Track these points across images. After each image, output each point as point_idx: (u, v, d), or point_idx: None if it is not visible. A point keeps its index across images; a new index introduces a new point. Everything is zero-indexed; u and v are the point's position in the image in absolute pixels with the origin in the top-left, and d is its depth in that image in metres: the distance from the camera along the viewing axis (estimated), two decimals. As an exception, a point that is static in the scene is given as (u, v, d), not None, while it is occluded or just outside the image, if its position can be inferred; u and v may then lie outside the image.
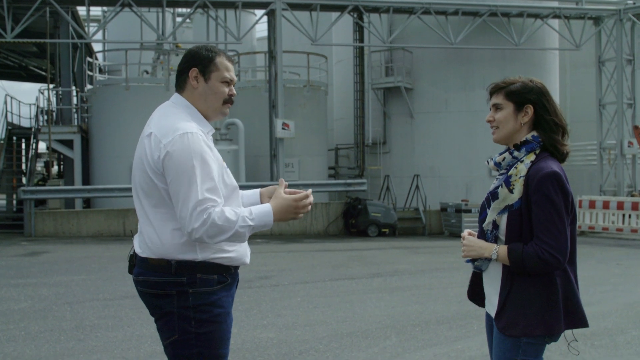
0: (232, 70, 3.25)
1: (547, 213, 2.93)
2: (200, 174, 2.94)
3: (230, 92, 3.23)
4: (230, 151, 20.83)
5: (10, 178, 23.61)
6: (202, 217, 2.91)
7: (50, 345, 6.88)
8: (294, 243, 17.74)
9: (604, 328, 7.60)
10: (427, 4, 21.55)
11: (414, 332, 7.48)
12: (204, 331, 3.07)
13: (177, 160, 2.96)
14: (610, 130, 23.99)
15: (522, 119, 3.13)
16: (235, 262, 3.22)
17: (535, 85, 3.15)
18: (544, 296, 2.99)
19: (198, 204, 2.91)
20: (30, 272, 11.96)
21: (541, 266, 2.94)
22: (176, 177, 2.96)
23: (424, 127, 23.52)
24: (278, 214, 3.12)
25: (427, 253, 15.76)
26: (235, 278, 3.28)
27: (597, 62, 24.34)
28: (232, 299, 3.25)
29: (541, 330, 3.00)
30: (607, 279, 11.69)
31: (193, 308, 3.05)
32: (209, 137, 3.17)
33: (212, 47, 3.25)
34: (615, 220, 19.75)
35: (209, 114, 3.24)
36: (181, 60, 3.26)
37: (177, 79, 3.26)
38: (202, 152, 2.98)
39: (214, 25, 21.67)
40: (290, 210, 3.17)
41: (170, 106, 3.20)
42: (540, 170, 2.97)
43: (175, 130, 3.01)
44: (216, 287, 3.11)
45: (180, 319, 3.07)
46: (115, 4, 20.08)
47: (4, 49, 27.26)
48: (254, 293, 9.90)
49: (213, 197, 2.95)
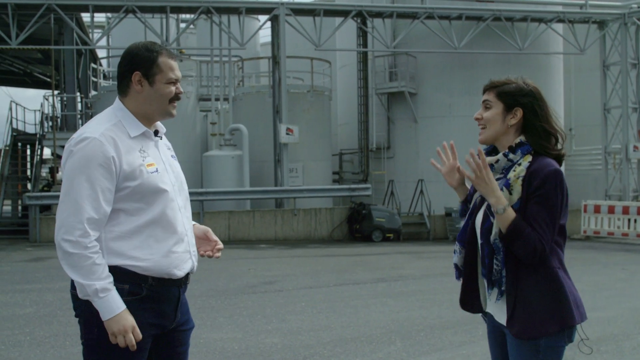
0: (176, 69, 3.11)
1: (547, 211, 2.90)
2: (88, 184, 2.88)
3: (177, 91, 3.11)
4: (234, 156, 20.85)
5: (15, 184, 23.64)
6: (81, 239, 2.90)
7: (56, 350, 6.89)
8: (298, 248, 17.72)
9: (610, 333, 7.57)
10: (431, 9, 21.58)
11: (419, 337, 7.46)
12: (104, 339, 2.92)
13: (70, 165, 2.94)
14: (616, 134, 23.94)
15: (509, 121, 3.06)
16: (153, 272, 2.99)
17: (530, 89, 3.08)
18: (551, 292, 2.95)
19: (79, 219, 2.88)
20: (35, 278, 11.98)
21: (527, 253, 2.89)
22: (68, 180, 2.94)
23: (428, 131, 23.50)
24: (113, 321, 2.89)
25: (432, 258, 15.72)
26: (160, 292, 3.04)
27: (602, 66, 24.31)
28: (152, 314, 3.02)
29: (557, 325, 2.93)
30: (613, 284, 11.64)
31: (97, 314, 2.91)
32: (136, 140, 3.03)
33: (152, 45, 3.09)
34: (620, 225, 19.69)
35: (154, 116, 3.12)
36: (120, 61, 3.11)
37: (119, 83, 3.11)
38: (93, 161, 2.88)
39: (217, 31, 21.70)
40: (120, 327, 2.89)
41: (102, 112, 3.14)
42: (543, 168, 2.93)
43: (81, 134, 2.95)
44: (126, 297, 2.93)
45: (85, 323, 2.99)
46: (119, 11, 20.16)
47: (9, 55, 27.35)
48: (258, 298, 9.89)
49: (93, 215, 2.88)
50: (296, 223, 20.15)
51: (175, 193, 3.14)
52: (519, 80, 3.11)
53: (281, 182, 20.63)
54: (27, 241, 18.78)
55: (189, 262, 3.16)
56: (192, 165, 21.40)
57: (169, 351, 3.19)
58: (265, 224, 19.92)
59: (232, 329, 7.85)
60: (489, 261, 3.04)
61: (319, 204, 21.38)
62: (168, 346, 3.18)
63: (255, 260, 14.89)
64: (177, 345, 3.21)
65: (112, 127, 2.99)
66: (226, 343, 7.17)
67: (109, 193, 2.92)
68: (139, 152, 3.02)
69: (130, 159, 2.96)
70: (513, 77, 3.14)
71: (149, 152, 3.07)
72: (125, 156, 2.95)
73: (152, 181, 3.01)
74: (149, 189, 2.99)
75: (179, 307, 3.15)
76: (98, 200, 2.89)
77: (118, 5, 20.07)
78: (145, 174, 2.99)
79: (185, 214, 3.19)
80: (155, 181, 3.02)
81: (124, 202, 2.97)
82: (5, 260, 14.88)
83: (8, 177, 22.55)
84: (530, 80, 3.14)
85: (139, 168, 2.98)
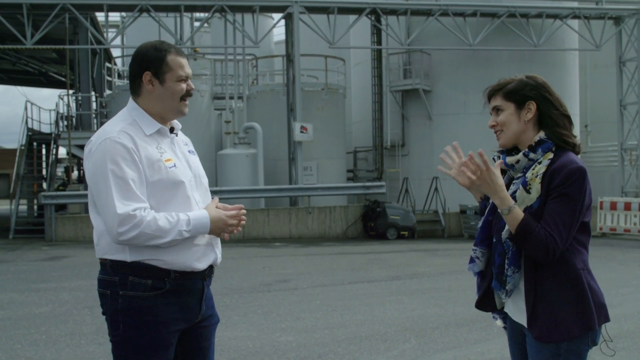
0: (186, 66, 3.13)
1: (567, 209, 2.82)
2: (114, 180, 2.88)
3: (188, 87, 3.13)
4: (248, 155, 20.87)
5: (31, 183, 23.79)
6: (131, 223, 2.85)
7: (71, 349, 6.92)
8: (312, 246, 17.72)
9: (626, 330, 7.52)
10: (445, 6, 21.50)
11: (434, 335, 7.43)
12: (130, 336, 2.97)
13: (92, 166, 2.95)
14: (632, 131, 23.76)
15: (525, 117, 3.00)
16: (176, 266, 3.02)
17: (532, 81, 3.02)
18: (574, 294, 2.87)
19: (121, 212, 2.85)
20: (51, 277, 12.04)
21: (539, 253, 2.83)
22: (94, 183, 2.95)
23: (442, 129, 23.44)
24: (212, 227, 3.04)
25: (447, 255, 15.67)
26: (183, 285, 3.07)
27: (618, 63, 24.12)
28: (177, 308, 3.05)
29: (579, 329, 2.87)
30: (629, 280, 11.56)
31: (122, 311, 2.97)
32: (152, 138, 3.07)
33: (160, 44, 3.12)
34: (637, 222, 19.54)
35: (167, 115, 3.15)
36: (131, 62, 3.15)
37: (131, 84, 3.15)
38: (114, 156, 2.91)
39: (231, 29, 21.73)
40: (221, 224, 3.07)
41: (117, 114, 3.18)
42: (566, 165, 2.85)
43: (98, 136, 2.99)
44: (149, 292, 2.98)
45: (111, 320, 3.02)
46: (133, 10, 20.24)
47: (24, 55, 27.55)
48: (273, 297, 9.90)
49: (134, 205, 2.88)
50: (311, 221, 20.15)
51: (193, 187, 3.16)
52: (517, 77, 3.06)
53: (295, 180, 20.63)
54: (43, 240, 18.88)
55: (211, 255, 3.17)
56: (207, 163, 21.44)
57: (194, 346, 3.21)
58: (280, 222, 19.93)
59: (247, 327, 7.85)
60: (500, 260, 3.00)
61: (334, 202, 21.37)
62: (193, 341, 3.20)
63: (270, 259, 14.90)
64: (201, 340, 3.23)
65: (128, 126, 3.03)
66: (240, 341, 7.17)
67: (138, 181, 2.94)
68: (156, 149, 3.05)
69: (148, 154, 3.00)
70: (508, 77, 3.08)
71: (165, 149, 3.10)
72: (143, 152, 2.98)
73: (170, 176, 3.03)
74: (168, 184, 3.02)
75: (203, 300, 3.17)
76: (130, 189, 2.91)
77: (132, 5, 20.15)
78: (164, 169, 3.02)
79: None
80: (174, 176, 3.05)
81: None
82: (21, 259, 14.98)
83: (24, 176, 22.70)
84: (529, 74, 3.09)
85: (158, 163, 3.01)
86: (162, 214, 2.94)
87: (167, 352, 3.04)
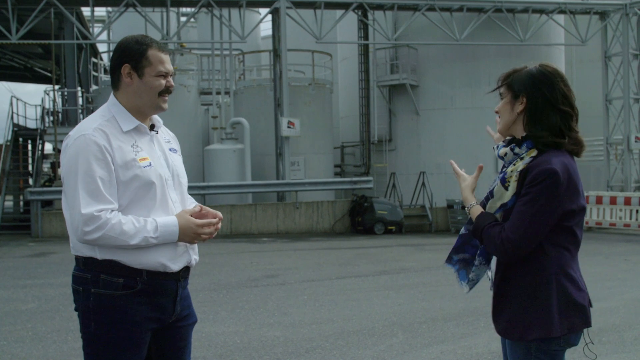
0: (166, 62, 3.08)
1: (528, 208, 2.76)
2: (83, 179, 2.86)
3: (167, 84, 3.09)
4: (235, 150, 20.84)
5: (17, 179, 23.66)
6: (95, 224, 2.82)
7: (58, 345, 6.89)
8: (300, 241, 17.73)
9: (612, 324, 7.57)
10: (432, 1, 21.51)
11: (421, 330, 7.46)
12: (101, 334, 2.95)
13: (66, 162, 2.94)
14: (617, 125, 23.91)
15: (517, 109, 2.95)
16: (148, 266, 2.97)
17: (538, 73, 2.93)
18: (536, 298, 2.84)
19: (85, 211, 2.83)
20: (37, 273, 11.99)
21: (495, 251, 2.85)
22: (66, 179, 2.94)
23: (429, 124, 23.49)
24: (180, 235, 3.00)
25: (434, 250, 15.71)
26: (156, 285, 3.02)
27: (604, 57, 24.25)
28: (149, 307, 3.01)
29: (536, 333, 2.83)
30: (615, 274, 11.64)
31: (93, 309, 2.94)
32: (129, 135, 3.03)
33: (142, 38, 3.08)
34: (622, 216, 19.68)
35: (145, 110, 3.11)
36: (112, 55, 3.12)
37: (111, 77, 3.12)
38: (86, 154, 2.88)
39: (218, 24, 21.66)
40: (190, 233, 3.01)
41: (98, 109, 3.16)
42: (538, 165, 2.79)
43: (75, 132, 2.98)
44: (121, 291, 2.94)
45: (83, 317, 3.00)
46: (119, 5, 20.11)
47: (9, 50, 27.32)
48: (260, 292, 9.90)
49: (99, 206, 2.85)
50: (298, 216, 20.15)
51: (170, 187, 3.12)
52: (530, 66, 2.98)
53: (283, 176, 20.62)
54: (29, 236, 18.80)
55: (185, 256, 3.12)
56: (194, 159, 21.42)
57: (170, 346, 3.17)
58: (267, 217, 19.92)
59: (234, 323, 7.85)
60: (473, 251, 3.14)
61: (321, 197, 21.37)
62: (168, 341, 3.16)
63: (257, 254, 14.89)
64: (177, 340, 3.19)
65: (105, 123, 3.00)
66: (228, 337, 7.17)
67: (107, 181, 2.91)
68: (131, 147, 3.01)
69: (122, 153, 2.96)
70: (523, 65, 3.02)
71: (142, 147, 3.06)
72: (117, 151, 2.95)
73: (144, 175, 2.99)
74: (140, 183, 2.98)
75: (178, 301, 3.12)
76: (98, 189, 2.87)
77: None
78: (138, 168, 2.98)
79: (181, 208, 3.16)
80: (148, 175, 3.00)
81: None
82: (7, 255, 14.90)
83: (9, 172, 22.54)
84: (544, 62, 3.00)
85: (132, 162, 2.97)
86: (129, 217, 2.91)
87: (139, 351, 3.01)
